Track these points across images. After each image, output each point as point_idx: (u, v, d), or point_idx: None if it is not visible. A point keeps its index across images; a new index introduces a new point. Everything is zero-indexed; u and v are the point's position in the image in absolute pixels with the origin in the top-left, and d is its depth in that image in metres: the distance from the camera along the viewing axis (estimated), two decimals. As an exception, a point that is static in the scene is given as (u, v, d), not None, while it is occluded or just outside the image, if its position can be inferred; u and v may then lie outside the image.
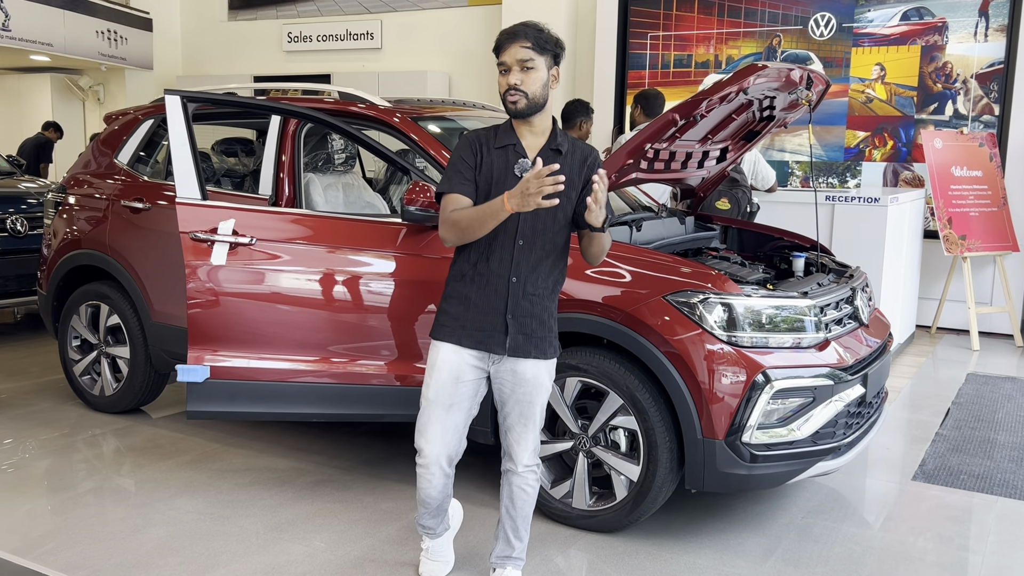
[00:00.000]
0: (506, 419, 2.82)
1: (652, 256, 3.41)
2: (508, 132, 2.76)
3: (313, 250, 3.59)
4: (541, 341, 2.76)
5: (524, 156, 2.72)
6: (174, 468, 4.06)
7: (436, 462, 2.80)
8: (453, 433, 2.80)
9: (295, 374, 3.58)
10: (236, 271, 3.52)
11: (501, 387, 2.79)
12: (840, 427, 3.37)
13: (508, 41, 2.66)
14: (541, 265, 2.75)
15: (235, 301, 3.53)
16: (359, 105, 4.07)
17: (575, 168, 2.74)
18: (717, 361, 3.17)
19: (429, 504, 2.91)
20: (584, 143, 2.87)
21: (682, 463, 3.28)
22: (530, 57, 2.63)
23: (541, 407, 2.82)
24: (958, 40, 7.40)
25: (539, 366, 2.77)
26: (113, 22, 10.77)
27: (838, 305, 3.57)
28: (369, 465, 4.10)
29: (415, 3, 10.29)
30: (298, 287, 3.57)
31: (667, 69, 8.64)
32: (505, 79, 2.66)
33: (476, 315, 2.73)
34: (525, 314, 2.73)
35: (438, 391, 2.76)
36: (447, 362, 2.75)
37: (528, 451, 2.82)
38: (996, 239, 7.08)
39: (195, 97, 3.60)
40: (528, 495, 2.85)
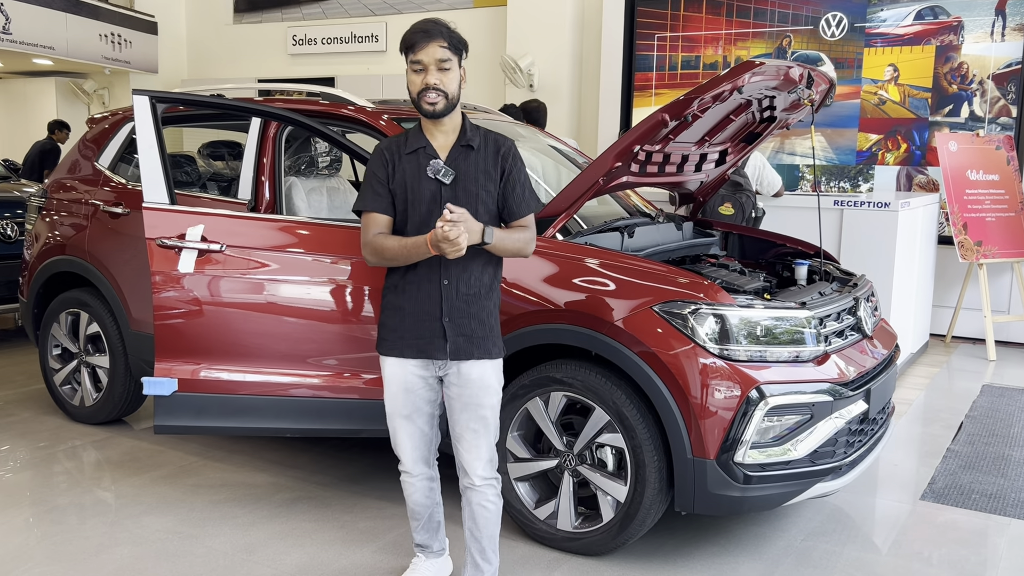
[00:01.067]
0: (456, 427, 2.76)
1: (640, 264, 3.23)
2: (418, 135, 2.73)
3: (287, 257, 3.43)
4: (483, 341, 2.71)
5: (435, 157, 2.69)
6: (148, 483, 3.92)
7: (414, 466, 2.84)
8: (421, 438, 2.82)
9: (267, 387, 3.42)
10: (205, 279, 3.37)
11: (448, 393, 2.75)
12: (840, 446, 3.17)
13: (424, 40, 2.60)
14: (472, 264, 2.68)
15: (204, 310, 3.38)
16: (348, 108, 3.91)
17: (490, 161, 2.72)
18: (708, 376, 2.98)
19: (420, 514, 2.91)
20: (499, 135, 2.80)
21: (672, 483, 3.10)
22: (448, 57, 2.61)
23: (492, 411, 2.75)
24: (974, 40, 7.17)
25: (484, 367, 2.72)
26: (117, 25, 10.70)
27: (839, 316, 3.38)
28: (350, 481, 3.94)
29: (420, 5, 10.16)
30: (271, 296, 3.41)
31: (675, 71, 8.45)
32: (420, 78, 2.61)
33: (413, 323, 2.70)
34: (462, 315, 2.69)
35: (393, 404, 2.79)
36: (394, 375, 2.75)
37: (482, 461, 2.74)
38: (1013, 245, 6.84)
39: (165, 97, 3.46)
40: (491, 512, 2.77)
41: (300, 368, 3.43)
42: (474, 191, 2.68)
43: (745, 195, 5.62)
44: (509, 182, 2.73)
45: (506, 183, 2.73)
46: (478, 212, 2.66)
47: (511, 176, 2.74)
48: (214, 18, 11.70)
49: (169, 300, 3.36)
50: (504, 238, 2.65)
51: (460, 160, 2.69)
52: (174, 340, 3.38)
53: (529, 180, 2.82)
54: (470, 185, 2.68)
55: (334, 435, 3.51)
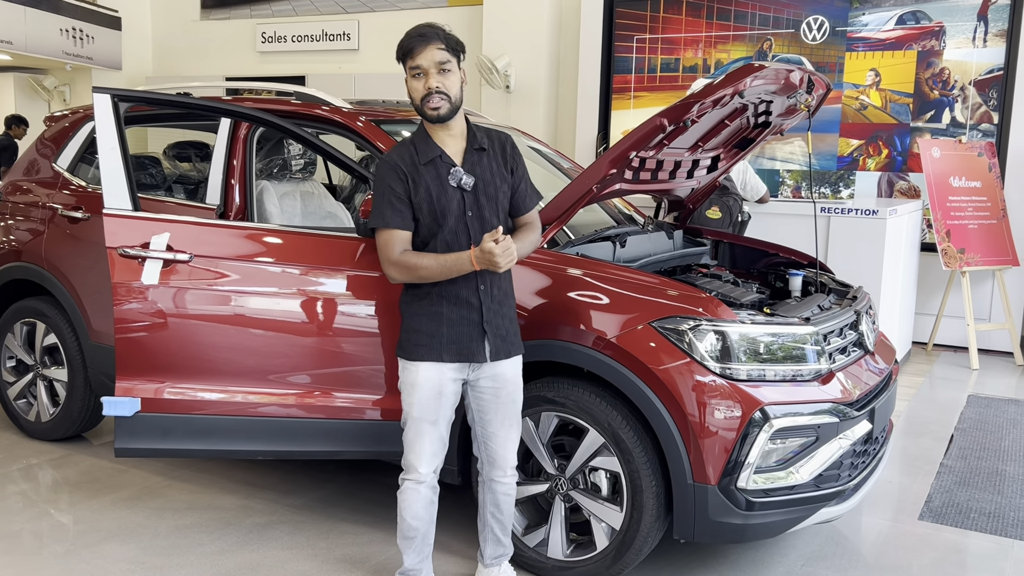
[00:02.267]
0: (488, 427, 2.81)
1: (636, 277, 3.05)
2: (427, 143, 2.69)
3: (259, 268, 3.20)
4: (515, 337, 2.81)
5: (453, 164, 2.67)
6: (108, 506, 3.67)
7: (428, 473, 2.79)
8: (440, 445, 2.80)
9: (237, 407, 3.19)
10: (171, 291, 3.14)
11: (481, 396, 2.78)
12: (845, 468, 3.02)
13: (421, 44, 2.59)
14: None
15: (169, 325, 3.15)
16: (323, 108, 3.69)
17: (498, 160, 2.74)
18: (709, 396, 2.82)
19: (416, 530, 2.81)
20: (496, 130, 2.84)
21: (670, 510, 2.93)
22: (447, 59, 2.60)
23: (520, 404, 2.86)
24: (956, 45, 7.11)
25: (516, 364, 2.82)
26: (78, 20, 10.33)
27: (842, 332, 3.23)
28: (325, 503, 3.72)
29: (393, 3, 9.93)
30: (242, 310, 3.18)
31: (654, 73, 8.31)
32: (422, 83, 2.60)
33: (451, 328, 2.70)
34: (497, 316, 2.75)
35: (423, 409, 2.73)
36: (429, 380, 2.72)
37: (514, 453, 2.87)
38: (995, 253, 6.77)
39: (128, 96, 3.22)
40: (512, 497, 2.92)
41: (273, 387, 3.21)
42: (493, 194, 2.71)
43: (732, 199, 5.49)
44: (515, 177, 2.78)
45: (513, 178, 2.78)
46: (498, 214, 2.72)
47: (517, 171, 2.79)
48: (180, 14, 11.37)
49: (131, 313, 3.13)
50: (524, 246, 2.75)
51: (476, 164, 2.69)
52: (137, 357, 3.14)
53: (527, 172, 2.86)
54: (489, 189, 2.71)
55: (309, 457, 3.30)
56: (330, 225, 4.02)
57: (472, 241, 2.67)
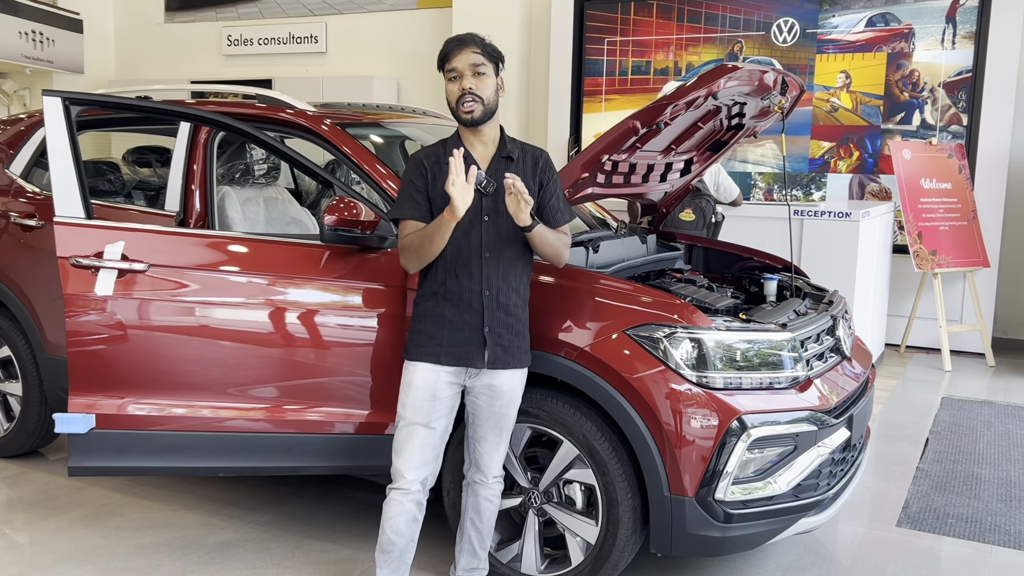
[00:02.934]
0: (478, 431, 2.79)
1: (610, 283, 2.97)
2: (457, 144, 2.72)
3: (219, 277, 3.08)
4: (518, 350, 2.76)
5: (477, 167, 2.62)
6: (65, 526, 3.53)
7: (415, 483, 2.73)
8: (432, 451, 2.75)
9: (197, 422, 3.07)
10: (126, 303, 3.01)
11: (476, 401, 2.77)
12: (824, 477, 2.96)
13: (457, 48, 2.64)
14: (510, 274, 2.73)
15: (125, 338, 3.02)
16: (287, 112, 3.58)
17: (528, 173, 2.74)
18: (685, 405, 2.74)
19: (395, 544, 2.75)
20: (534, 146, 2.85)
21: (647, 523, 2.85)
22: (482, 62, 2.63)
23: (514, 417, 2.82)
24: (925, 47, 7.12)
25: (515, 377, 2.77)
26: (38, 22, 10.08)
27: (819, 337, 3.17)
28: (291, 519, 3.60)
29: (361, 5, 9.79)
30: (201, 321, 3.06)
31: (625, 76, 8.26)
32: (457, 85, 2.64)
33: (452, 332, 2.70)
34: (501, 326, 2.72)
35: (416, 410, 2.71)
36: (424, 380, 2.71)
37: (499, 462, 2.84)
38: (966, 254, 6.79)
39: (80, 99, 3.09)
40: (494, 505, 2.87)
41: (234, 401, 3.09)
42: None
43: (705, 200, 5.43)
44: (547, 192, 2.80)
45: (544, 193, 2.79)
46: (516, 225, 2.66)
47: (548, 186, 2.80)
48: (144, 16, 11.16)
49: (85, 326, 2.99)
50: (546, 232, 2.71)
51: (501, 171, 2.67)
52: (91, 371, 3.01)
53: (563, 190, 2.89)
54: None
55: (273, 473, 3.18)
56: (295, 231, 3.91)
57: (483, 243, 2.69)
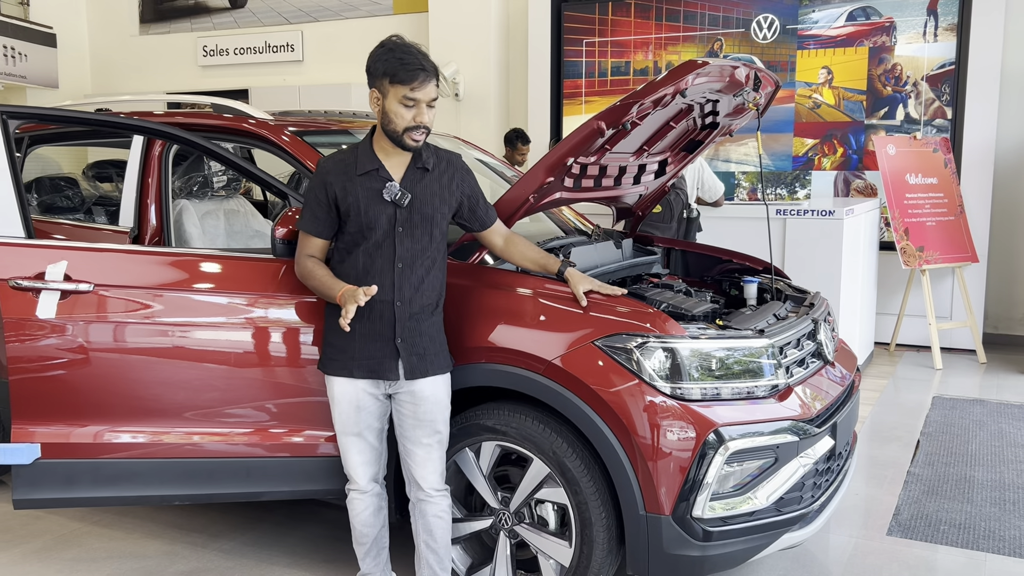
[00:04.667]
0: (407, 442, 2.72)
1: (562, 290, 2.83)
2: (369, 155, 2.67)
3: (170, 296, 2.93)
4: (436, 357, 2.71)
5: (390, 179, 2.65)
6: (19, 559, 3.37)
7: (366, 483, 2.78)
8: (371, 453, 2.77)
9: (149, 448, 2.92)
10: (70, 325, 2.86)
11: (400, 410, 2.72)
12: (808, 489, 2.82)
13: (424, 78, 2.56)
14: (423, 284, 2.68)
15: (69, 363, 2.87)
16: (248, 122, 3.43)
17: (444, 182, 2.72)
18: (660, 418, 2.61)
19: (366, 536, 2.82)
20: (447, 150, 2.82)
21: (623, 543, 2.71)
22: (436, 96, 2.61)
23: (444, 424, 2.74)
24: (907, 41, 7.02)
25: (436, 383, 2.71)
26: (10, 37, 9.92)
27: (799, 342, 3.04)
28: (256, 546, 3.45)
29: (337, 12, 9.66)
30: (150, 343, 2.91)
31: (604, 77, 8.14)
32: (412, 114, 2.57)
33: (363, 344, 2.66)
34: (414, 334, 2.67)
35: (344, 422, 2.73)
36: (344, 394, 2.70)
37: (436, 473, 2.74)
38: (954, 250, 6.67)
39: (17, 113, 2.94)
40: (444, 521, 2.77)
41: (188, 425, 2.94)
42: (429, 213, 2.68)
43: (675, 193, 5.29)
44: (472, 197, 2.80)
45: (469, 199, 2.79)
46: (433, 234, 2.68)
47: (471, 192, 2.80)
48: (118, 29, 11.01)
49: (26, 351, 2.84)
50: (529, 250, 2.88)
51: (416, 183, 2.67)
52: (34, 398, 2.86)
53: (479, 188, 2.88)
54: (426, 208, 2.68)
55: (230, 500, 3.03)
56: (259, 245, 3.76)
57: (396, 255, 2.64)
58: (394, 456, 2.85)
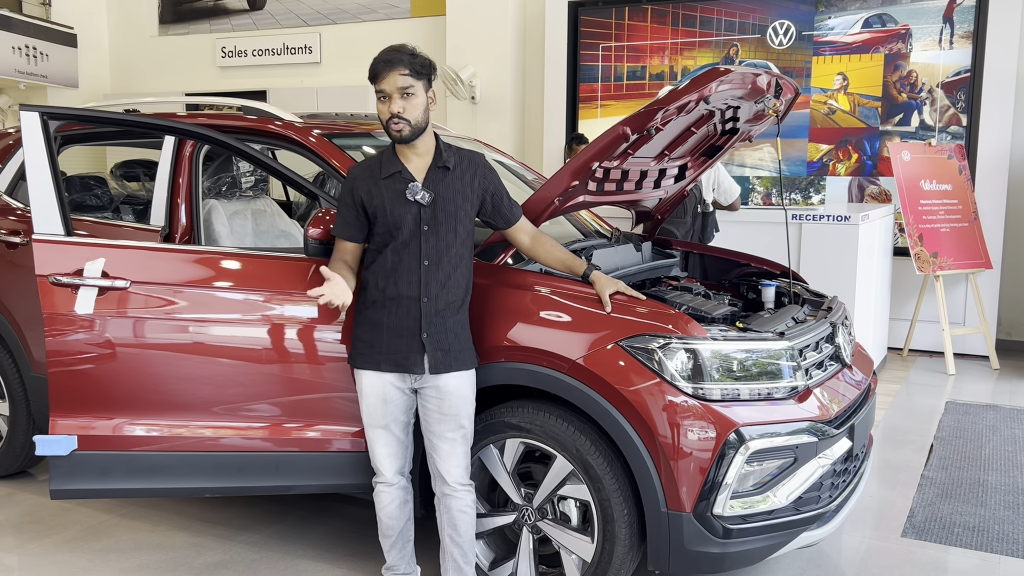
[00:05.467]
0: (432, 437, 2.80)
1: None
2: (392, 159, 2.78)
3: (204, 293, 3.01)
4: (460, 353, 2.78)
5: (412, 180, 2.74)
6: (50, 549, 3.45)
7: (392, 476, 2.86)
8: (398, 446, 2.85)
9: (182, 442, 3.00)
10: (107, 321, 2.94)
11: (425, 404, 2.79)
12: (826, 489, 2.88)
13: (385, 69, 2.66)
14: (449, 281, 2.76)
15: (106, 357, 2.95)
16: (275, 124, 3.51)
17: (466, 181, 2.80)
18: (681, 418, 2.66)
19: (392, 528, 2.89)
20: (469, 150, 2.89)
21: (644, 539, 2.77)
22: (409, 84, 2.66)
23: (468, 420, 2.81)
24: (922, 48, 7.06)
25: (461, 378, 2.78)
26: (32, 37, 10.05)
27: (818, 345, 3.09)
28: (282, 539, 3.53)
29: (355, 15, 9.75)
30: (183, 339, 2.99)
31: (620, 81, 8.20)
32: (386, 106, 2.68)
33: (391, 339, 2.74)
34: (439, 330, 2.74)
35: (371, 415, 2.81)
36: (372, 388, 2.79)
37: (460, 467, 2.80)
38: (968, 256, 6.71)
39: (58, 114, 3.02)
40: (469, 516, 2.83)
41: (220, 419, 3.01)
42: (452, 211, 2.76)
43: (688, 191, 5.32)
44: (496, 194, 2.88)
45: (493, 196, 2.87)
46: (457, 231, 2.76)
47: (495, 189, 2.87)
48: (138, 29, 11.13)
49: (65, 345, 2.92)
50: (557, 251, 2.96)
51: (437, 182, 2.76)
52: (72, 391, 2.94)
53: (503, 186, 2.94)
54: (449, 206, 2.76)
55: (261, 493, 3.10)
56: (285, 244, 3.84)
57: (423, 252, 2.73)
58: (419, 451, 2.92)
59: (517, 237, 2.95)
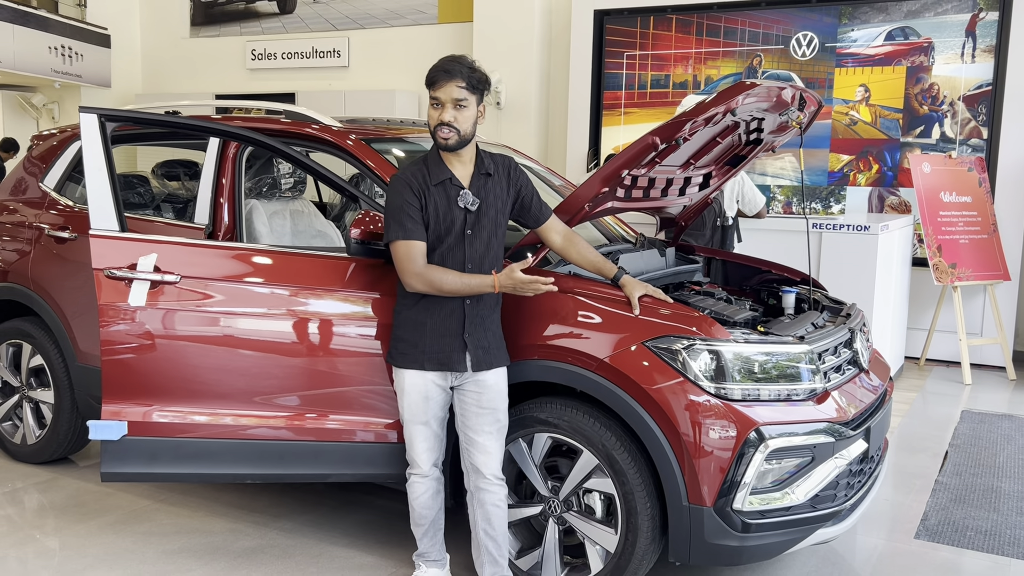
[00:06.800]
0: (470, 432, 2.90)
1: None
2: (439, 166, 2.86)
3: (248, 289, 3.17)
4: (498, 351, 2.92)
5: (462, 187, 2.86)
6: (95, 531, 3.61)
7: (428, 468, 2.98)
8: (435, 441, 2.97)
9: (227, 430, 3.15)
10: (159, 313, 3.10)
11: (464, 400, 2.90)
12: (841, 488, 2.99)
13: (444, 79, 2.76)
14: None
15: (157, 347, 3.11)
16: (312, 127, 3.66)
17: (503, 184, 2.95)
18: (704, 416, 2.79)
19: (424, 517, 3.02)
20: (500, 155, 3.03)
21: (665, 532, 2.89)
22: (464, 97, 2.77)
23: (504, 415, 2.93)
24: (944, 61, 7.14)
25: (499, 374, 2.91)
26: (68, 38, 10.31)
27: (837, 350, 3.21)
28: (315, 527, 3.67)
29: (383, 20, 9.93)
30: (231, 332, 3.14)
31: (644, 89, 8.32)
32: (438, 114, 2.78)
33: (433, 339, 2.85)
34: (480, 329, 2.87)
35: (412, 412, 2.92)
36: (414, 386, 2.89)
37: (496, 461, 2.92)
38: (987, 268, 6.78)
39: (115, 115, 3.19)
40: (502, 510, 2.94)
41: (262, 409, 3.16)
42: (494, 216, 2.90)
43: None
44: (527, 195, 3.00)
45: (524, 197, 2.99)
46: (496, 235, 2.91)
47: (526, 190, 3.00)
48: (170, 31, 11.37)
49: (118, 336, 3.08)
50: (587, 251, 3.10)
51: (482, 188, 2.89)
52: (124, 379, 3.10)
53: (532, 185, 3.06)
54: (491, 211, 2.89)
55: (299, 480, 3.25)
56: (320, 244, 3.99)
57: (466, 256, 2.85)
58: (450, 446, 3.05)
59: (549, 237, 3.07)
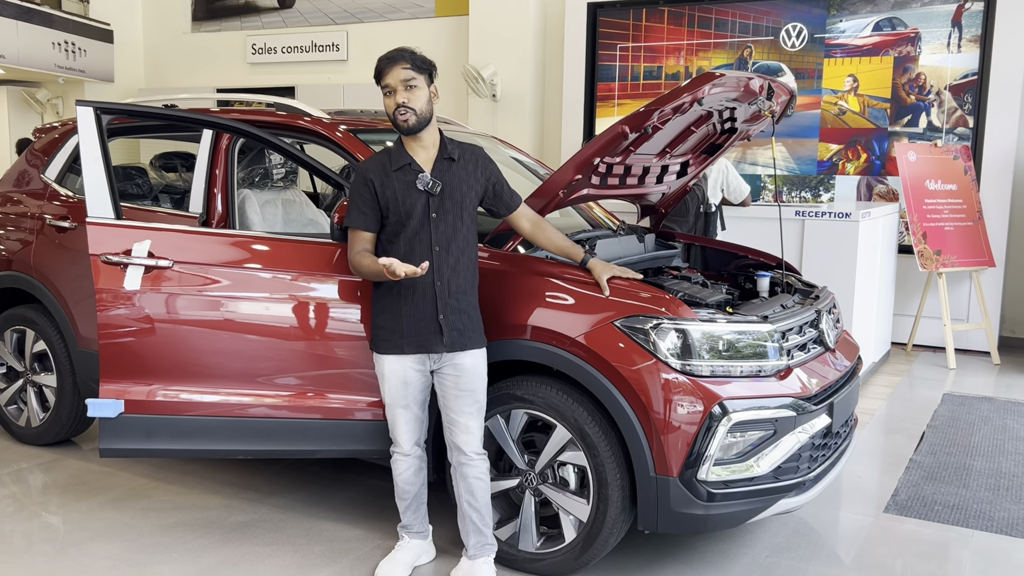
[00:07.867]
0: (450, 412, 3.03)
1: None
2: (401, 152, 3.00)
3: (238, 273, 3.32)
4: (473, 332, 3.02)
5: (421, 171, 2.97)
6: (96, 507, 3.77)
7: (409, 447, 3.11)
8: (415, 422, 3.10)
9: (218, 407, 3.30)
10: (152, 297, 3.25)
11: (443, 383, 3.02)
12: (804, 461, 3.13)
13: (389, 65, 2.92)
14: (459, 264, 3.00)
15: (151, 329, 3.26)
16: (303, 119, 3.81)
17: (470, 170, 3.05)
18: (670, 392, 2.93)
19: (408, 492, 3.16)
20: (472, 144, 3.14)
21: (635, 502, 3.04)
22: (412, 76, 2.91)
23: (483, 394, 3.05)
24: (931, 51, 7.25)
25: (475, 356, 3.02)
26: (71, 33, 10.45)
27: (802, 329, 3.34)
28: (306, 503, 3.83)
29: (381, 14, 10.06)
30: (221, 314, 3.30)
31: (637, 81, 8.44)
32: (392, 99, 2.92)
33: (410, 323, 2.97)
34: (454, 312, 2.98)
35: (393, 396, 3.05)
36: (393, 372, 3.02)
37: (477, 438, 3.05)
38: (972, 254, 6.90)
39: (110, 108, 3.34)
40: (484, 482, 3.06)
41: (252, 388, 3.32)
42: (459, 199, 3.00)
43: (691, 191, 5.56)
44: (497, 183, 3.11)
45: (494, 186, 3.11)
46: (463, 218, 3.00)
47: (495, 178, 3.12)
48: (172, 26, 11.51)
49: (115, 318, 3.24)
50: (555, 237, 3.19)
51: (444, 172, 2.99)
52: (120, 360, 3.25)
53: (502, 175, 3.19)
54: (456, 194, 2.99)
55: (288, 456, 3.40)
56: (312, 232, 4.13)
57: (432, 239, 2.96)
58: (432, 422, 3.20)
59: (519, 223, 3.20)
